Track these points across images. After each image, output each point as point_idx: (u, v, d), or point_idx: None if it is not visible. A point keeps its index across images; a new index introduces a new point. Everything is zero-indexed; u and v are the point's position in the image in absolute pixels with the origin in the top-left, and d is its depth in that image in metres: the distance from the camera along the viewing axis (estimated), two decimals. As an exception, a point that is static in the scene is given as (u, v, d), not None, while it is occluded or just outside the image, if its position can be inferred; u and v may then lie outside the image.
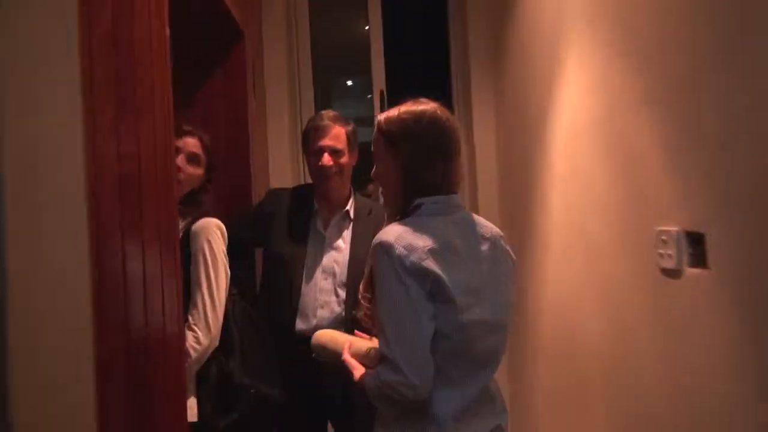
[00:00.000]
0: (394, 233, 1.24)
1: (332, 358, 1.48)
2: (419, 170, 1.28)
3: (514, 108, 2.76)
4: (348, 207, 2.18)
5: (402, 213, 1.31)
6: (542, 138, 2.33)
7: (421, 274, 1.19)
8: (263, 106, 3.01)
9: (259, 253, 2.44)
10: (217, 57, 2.44)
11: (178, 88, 2.38)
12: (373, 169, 1.39)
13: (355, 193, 2.22)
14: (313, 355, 1.57)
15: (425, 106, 1.33)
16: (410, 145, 1.29)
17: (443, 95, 3.34)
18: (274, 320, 2.07)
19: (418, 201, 1.29)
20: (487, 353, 1.29)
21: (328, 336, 1.55)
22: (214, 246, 1.75)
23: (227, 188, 2.42)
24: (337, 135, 2.12)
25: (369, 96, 3.45)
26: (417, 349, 1.18)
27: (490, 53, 3.13)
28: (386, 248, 1.21)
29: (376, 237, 1.26)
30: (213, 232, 1.77)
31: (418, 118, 1.30)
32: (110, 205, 1.09)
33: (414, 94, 1.42)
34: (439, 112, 1.33)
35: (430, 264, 1.20)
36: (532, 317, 2.58)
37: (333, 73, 3.81)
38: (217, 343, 1.73)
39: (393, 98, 3.26)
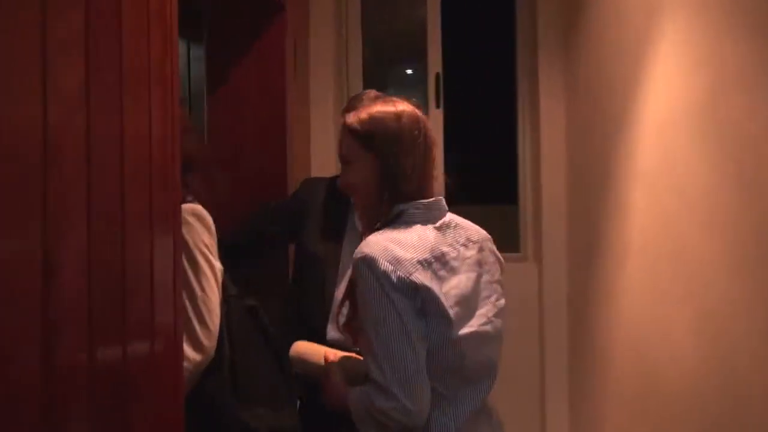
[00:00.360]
0: (377, 245, 1.17)
1: (314, 372, 1.39)
2: (400, 173, 1.22)
3: (590, 97, 2.51)
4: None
5: (383, 221, 1.23)
6: (625, 130, 2.07)
7: (410, 289, 1.14)
8: (306, 91, 2.81)
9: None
10: (252, 30, 2.24)
11: (208, 62, 2.27)
12: (341, 176, 1.30)
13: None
14: (293, 368, 1.46)
15: (401, 105, 1.27)
16: (390, 146, 1.23)
17: (506, 83, 3.08)
18: (305, 324, 1.84)
19: (400, 207, 1.22)
20: (481, 367, 1.23)
21: (307, 347, 1.44)
22: (189, 240, 1.46)
23: (259, 176, 2.24)
24: None
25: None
26: (411, 372, 1.12)
27: (560, 35, 2.83)
28: (369, 263, 1.15)
29: (357, 250, 1.18)
30: (186, 223, 1.45)
31: (398, 116, 1.24)
32: (70, 188, 0.88)
33: (474, 81, 1.27)
34: (417, 111, 1.28)
35: (419, 277, 1.15)
36: (600, 339, 2.30)
37: (390, 61, 3.67)
38: (212, 354, 1.47)
39: (450, 84, 3.02)
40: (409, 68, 3.66)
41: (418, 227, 1.21)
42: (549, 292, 2.79)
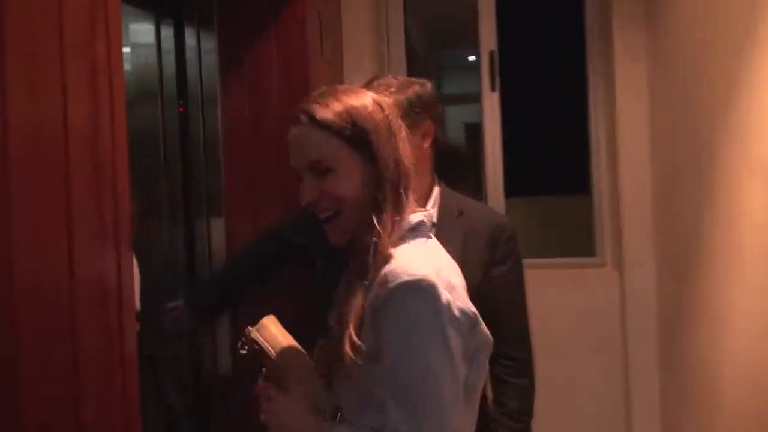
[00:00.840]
0: (427, 266, 1.00)
1: (266, 361, 1.14)
2: (401, 177, 1.07)
3: (682, 61, 2.25)
4: (429, 204, 1.58)
5: (397, 235, 1.04)
6: (734, 104, 1.82)
7: (470, 322, 1.02)
8: (340, 76, 2.58)
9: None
10: (269, 6, 2.07)
11: (221, 53, 2.14)
12: (314, 189, 1.04)
13: (440, 183, 1.61)
14: (249, 330, 1.16)
15: (368, 94, 1.10)
16: (385, 143, 1.07)
17: (573, 50, 2.83)
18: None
19: (417, 217, 1.07)
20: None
21: (279, 331, 1.16)
22: None
23: (281, 178, 2.02)
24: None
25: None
26: (448, 428, 1.01)
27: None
28: (424, 290, 0.98)
29: (391, 272, 0.98)
30: None
31: (378, 104, 1.08)
32: None
33: (534, 55, 1.13)
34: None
35: (472, 307, 1.04)
36: (704, 367, 2.03)
37: (449, 47, 3.65)
38: None
39: (507, 63, 2.78)
40: (471, 55, 3.48)
41: (435, 243, 1.09)
42: (633, 308, 2.53)
